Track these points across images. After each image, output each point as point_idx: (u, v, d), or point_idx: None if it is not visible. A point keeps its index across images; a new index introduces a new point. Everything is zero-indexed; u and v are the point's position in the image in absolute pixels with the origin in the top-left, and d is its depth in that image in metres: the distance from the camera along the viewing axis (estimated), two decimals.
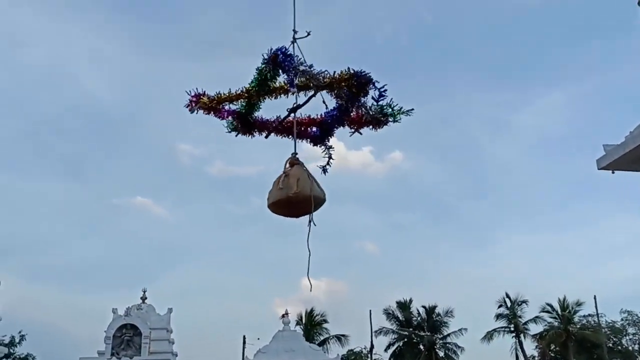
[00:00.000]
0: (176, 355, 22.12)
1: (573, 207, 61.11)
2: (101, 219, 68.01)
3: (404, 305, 43.18)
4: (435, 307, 41.05)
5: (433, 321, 41.87)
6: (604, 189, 59.06)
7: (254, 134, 4.36)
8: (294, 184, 3.57)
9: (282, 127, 4.29)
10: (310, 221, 3.73)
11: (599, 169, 8.33)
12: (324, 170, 4.18)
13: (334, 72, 3.72)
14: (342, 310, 66.42)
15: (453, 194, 70.75)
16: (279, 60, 3.77)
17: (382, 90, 3.70)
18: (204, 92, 4.23)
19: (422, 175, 70.52)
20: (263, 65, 3.85)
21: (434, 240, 71.49)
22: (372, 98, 3.79)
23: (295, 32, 4.07)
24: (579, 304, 36.31)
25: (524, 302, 36.84)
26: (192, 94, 4.22)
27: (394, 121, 3.95)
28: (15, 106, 62.84)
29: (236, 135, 4.36)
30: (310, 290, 3.88)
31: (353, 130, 4.11)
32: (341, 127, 4.18)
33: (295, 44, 4.02)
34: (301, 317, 37.03)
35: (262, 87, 3.98)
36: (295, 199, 3.57)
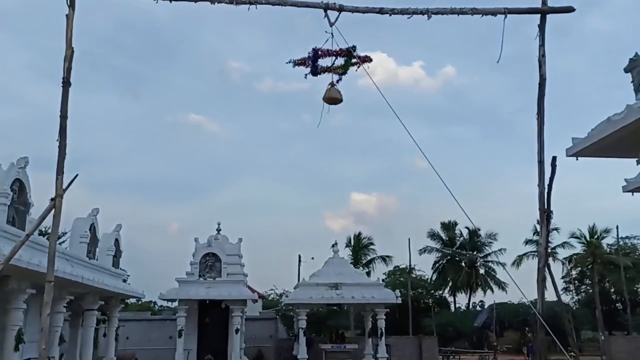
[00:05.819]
0: (246, 276, 27.28)
1: None
2: (156, 135, 71.72)
3: (448, 226, 45.84)
4: (478, 229, 42.89)
5: (475, 241, 44.69)
6: None
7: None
8: (338, 91, 8.83)
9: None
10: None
11: (567, 156, 11.23)
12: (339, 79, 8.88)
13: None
14: (391, 225, 69.77)
15: (509, 108, 67.89)
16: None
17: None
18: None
19: (476, 89, 68.02)
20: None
21: (487, 155, 70.18)
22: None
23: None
24: (607, 230, 38.34)
25: (555, 229, 39.26)
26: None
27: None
28: (74, 24, 66.58)
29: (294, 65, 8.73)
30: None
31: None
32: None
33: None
34: (350, 240, 40.54)
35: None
36: (339, 97, 8.80)
